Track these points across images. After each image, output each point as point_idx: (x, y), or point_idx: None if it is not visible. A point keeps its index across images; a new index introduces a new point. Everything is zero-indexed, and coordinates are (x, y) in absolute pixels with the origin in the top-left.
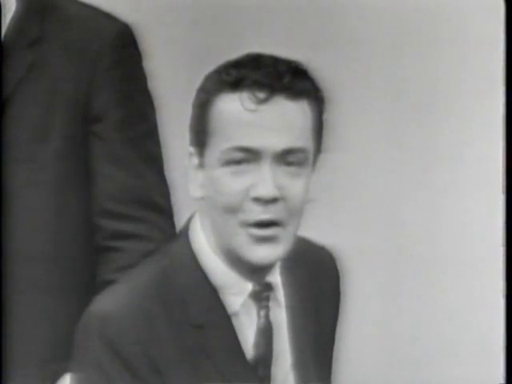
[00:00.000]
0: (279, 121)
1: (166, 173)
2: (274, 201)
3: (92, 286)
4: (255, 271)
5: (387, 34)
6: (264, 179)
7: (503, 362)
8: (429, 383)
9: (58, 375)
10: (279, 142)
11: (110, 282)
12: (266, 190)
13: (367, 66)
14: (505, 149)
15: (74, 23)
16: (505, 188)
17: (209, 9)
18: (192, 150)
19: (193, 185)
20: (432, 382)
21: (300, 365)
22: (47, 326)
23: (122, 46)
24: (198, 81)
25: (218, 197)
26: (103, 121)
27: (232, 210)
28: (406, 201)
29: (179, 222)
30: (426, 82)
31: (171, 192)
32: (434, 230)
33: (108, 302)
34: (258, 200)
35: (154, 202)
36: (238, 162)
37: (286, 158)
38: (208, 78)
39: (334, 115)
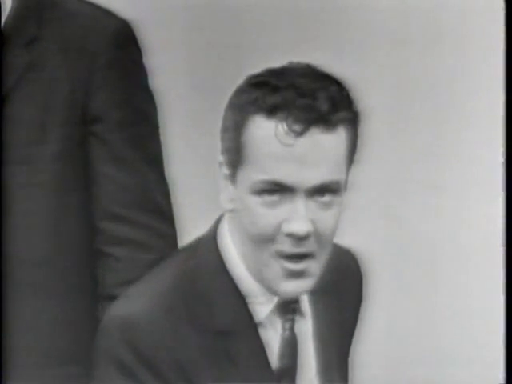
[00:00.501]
0: (314, 155)
1: (166, 173)
2: (307, 236)
3: (92, 288)
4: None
5: (386, 35)
6: (298, 215)
7: (503, 362)
8: (429, 383)
9: (58, 378)
10: (314, 178)
11: (115, 297)
12: (300, 226)
13: (367, 65)
14: (505, 149)
15: (72, 21)
16: (505, 188)
17: (210, 5)
18: (222, 159)
19: (224, 196)
20: (432, 382)
21: (325, 371)
22: (47, 328)
23: (121, 44)
24: (199, 79)
25: (249, 225)
26: (103, 121)
27: (264, 241)
28: (406, 201)
29: (179, 223)
30: (425, 82)
31: (172, 193)
32: (433, 230)
33: (131, 306)
34: (291, 235)
35: (156, 204)
36: (270, 192)
37: (319, 190)
38: (241, 92)
39: None
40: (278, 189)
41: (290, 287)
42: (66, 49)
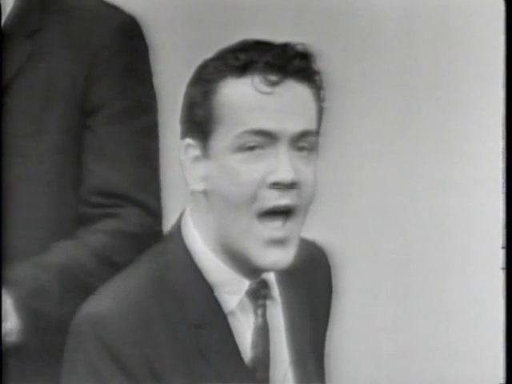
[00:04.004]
0: (293, 103)
1: (161, 171)
2: (291, 185)
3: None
4: (254, 269)
5: (384, 36)
6: (283, 163)
7: (503, 361)
8: (428, 383)
9: (57, 376)
10: (296, 125)
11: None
12: (286, 173)
13: (371, 64)
14: (505, 149)
15: (76, 13)
16: (505, 188)
17: (211, 2)
18: (190, 141)
19: (192, 178)
20: (431, 382)
21: (299, 363)
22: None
23: (125, 37)
24: None
25: (229, 187)
26: (99, 112)
27: (246, 200)
28: (405, 200)
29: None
30: (425, 82)
31: (167, 190)
32: (432, 229)
33: (102, 303)
34: (276, 185)
35: (143, 201)
36: (251, 148)
37: (299, 142)
38: (204, 67)
39: (337, 109)
40: (261, 141)
41: (272, 258)
42: (69, 41)
